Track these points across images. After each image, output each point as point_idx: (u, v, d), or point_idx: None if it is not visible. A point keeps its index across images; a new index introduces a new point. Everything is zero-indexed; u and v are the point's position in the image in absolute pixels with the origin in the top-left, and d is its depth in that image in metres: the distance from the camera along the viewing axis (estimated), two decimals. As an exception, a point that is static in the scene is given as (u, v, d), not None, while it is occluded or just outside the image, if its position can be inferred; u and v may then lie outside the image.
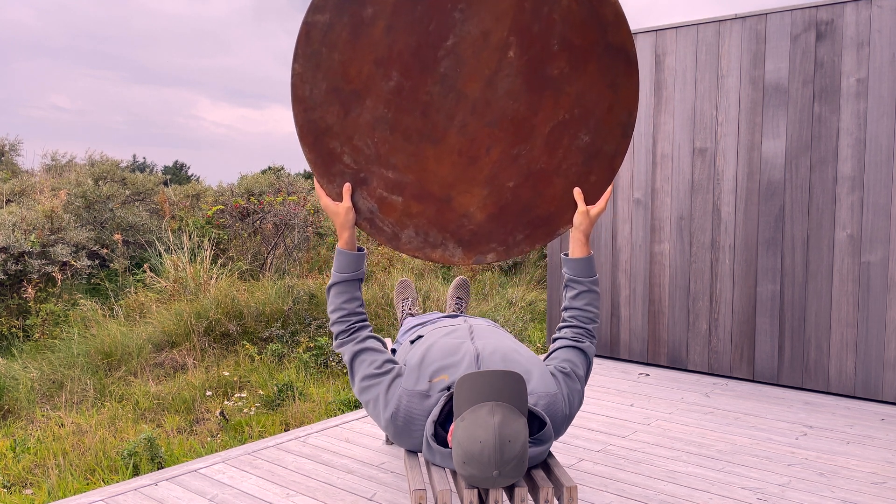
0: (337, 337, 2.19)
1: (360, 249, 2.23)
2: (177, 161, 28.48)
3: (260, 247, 8.52)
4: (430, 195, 2.21)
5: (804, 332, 4.01)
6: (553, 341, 2.28)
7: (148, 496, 2.60)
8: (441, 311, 6.45)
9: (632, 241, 4.62)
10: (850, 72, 3.79)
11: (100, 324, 5.58)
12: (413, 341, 2.41)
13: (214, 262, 7.29)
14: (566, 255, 2.30)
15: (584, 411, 3.64)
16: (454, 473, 1.99)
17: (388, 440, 3.17)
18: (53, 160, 12.27)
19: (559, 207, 2.28)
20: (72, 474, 3.39)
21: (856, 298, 3.84)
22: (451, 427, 1.84)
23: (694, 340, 4.39)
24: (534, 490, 1.91)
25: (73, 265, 6.85)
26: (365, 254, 2.23)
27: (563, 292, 2.31)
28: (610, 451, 3.08)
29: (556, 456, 3.01)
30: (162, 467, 3.47)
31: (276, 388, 4.50)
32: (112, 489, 2.64)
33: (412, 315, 3.19)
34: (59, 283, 6.55)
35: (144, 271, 6.78)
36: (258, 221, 8.76)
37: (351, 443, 3.18)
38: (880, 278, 3.76)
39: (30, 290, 5.94)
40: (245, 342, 5.40)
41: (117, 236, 7.33)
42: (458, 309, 3.26)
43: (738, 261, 4.20)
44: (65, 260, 6.65)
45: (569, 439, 3.23)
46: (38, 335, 5.62)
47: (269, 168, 15.03)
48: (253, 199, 8.98)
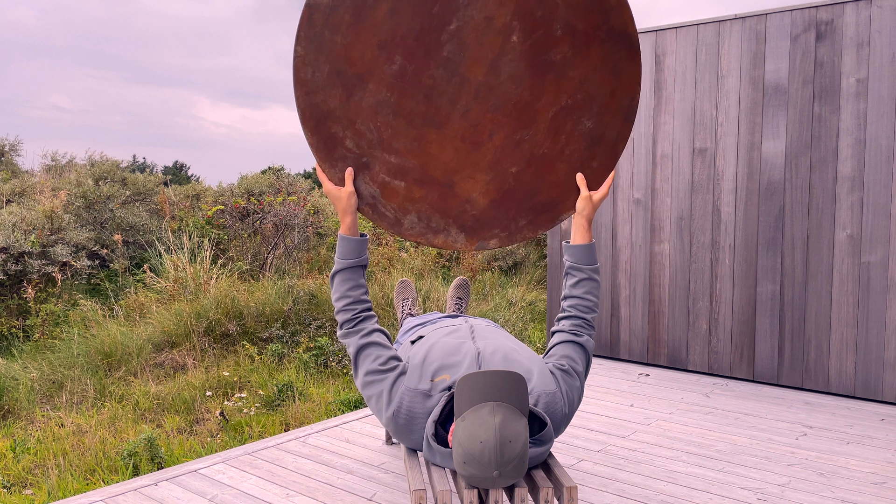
0: (342, 326, 2.17)
1: (362, 235, 2.22)
2: (177, 161, 28.49)
3: (260, 247, 8.52)
4: (433, 180, 2.19)
5: (804, 333, 4.01)
6: (552, 335, 2.27)
7: (148, 496, 2.60)
8: (441, 311, 6.45)
9: (632, 241, 4.62)
10: (850, 72, 3.79)
11: (100, 324, 5.58)
12: (413, 341, 2.41)
13: (214, 262, 7.29)
14: (567, 242, 2.29)
15: (584, 411, 3.64)
16: (454, 473, 1.99)
17: (388, 440, 3.17)
18: (53, 160, 12.26)
19: (562, 193, 2.26)
20: (72, 474, 3.39)
21: (856, 298, 3.84)
22: (452, 427, 1.84)
23: (694, 340, 4.39)
24: (534, 490, 1.91)
25: (73, 265, 6.85)
26: (367, 239, 2.22)
27: (564, 280, 2.30)
28: (610, 452, 3.08)
29: (556, 456, 3.01)
30: (162, 467, 3.47)
31: (276, 388, 4.50)
32: (112, 489, 2.64)
33: (412, 315, 3.19)
34: (59, 284, 6.55)
35: (144, 271, 6.78)
36: (258, 221, 8.76)
37: (351, 443, 3.18)
38: (880, 278, 3.76)
39: (30, 290, 5.94)
40: (245, 342, 5.40)
41: (117, 236, 7.33)
42: (459, 309, 3.26)
43: (738, 261, 4.21)
44: (65, 260, 6.65)
45: (569, 439, 3.23)
46: (38, 335, 5.62)
47: (269, 168, 15.01)
48: (253, 199, 8.98)
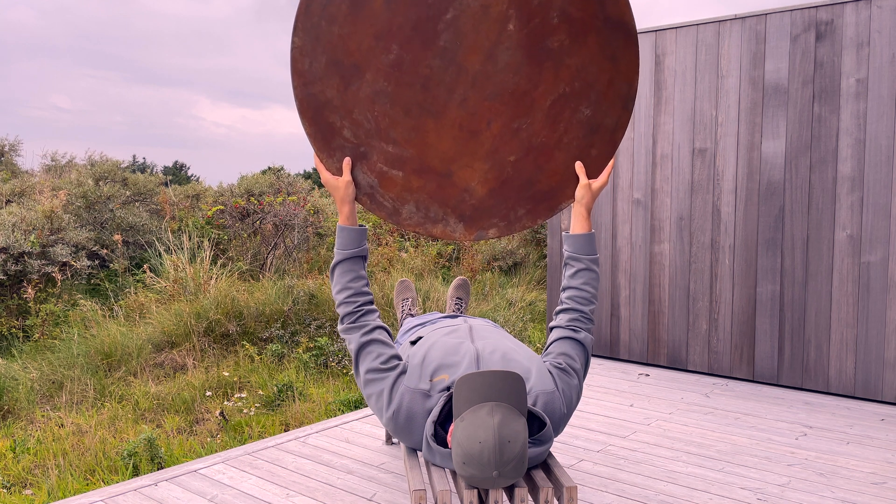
0: (343, 320, 2.16)
1: (360, 226, 2.22)
2: (177, 161, 28.49)
3: (260, 247, 8.52)
4: (431, 170, 2.18)
5: (804, 333, 4.01)
6: (550, 330, 2.26)
7: (148, 496, 2.60)
8: (441, 311, 6.45)
9: (632, 241, 4.62)
10: (850, 72, 3.79)
11: (100, 324, 5.58)
12: (413, 342, 2.41)
13: (214, 262, 7.29)
14: (567, 232, 2.28)
15: (584, 411, 3.64)
16: (454, 473, 1.99)
17: (388, 440, 3.17)
18: (53, 160, 12.26)
19: (561, 182, 2.25)
20: (72, 475, 3.39)
21: (856, 298, 3.84)
22: (451, 427, 1.84)
23: (694, 341, 4.39)
24: (534, 490, 1.91)
25: (73, 265, 6.85)
26: (366, 229, 2.21)
27: (563, 271, 2.29)
28: (610, 452, 3.08)
29: (556, 456, 3.01)
30: (162, 468, 3.47)
31: (275, 388, 4.50)
32: (112, 489, 2.64)
33: (412, 315, 3.19)
34: (59, 284, 6.55)
35: (144, 272, 6.78)
36: (258, 222, 8.76)
37: (351, 443, 3.18)
38: (880, 278, 3.76)
39: (30, 290, 5.94)
40: (245, 342, 5.40)
41: (117, 237, 7.33)
42: (458, 309, 3.26)
43: (737, 261, 4.20)
44: (65, 260, 6.65)
45: (569, 439, 3.23)
46: (37, 335, 5.62)
47: (269, 168, 15.01)
48: (253, 199, 8.98)
